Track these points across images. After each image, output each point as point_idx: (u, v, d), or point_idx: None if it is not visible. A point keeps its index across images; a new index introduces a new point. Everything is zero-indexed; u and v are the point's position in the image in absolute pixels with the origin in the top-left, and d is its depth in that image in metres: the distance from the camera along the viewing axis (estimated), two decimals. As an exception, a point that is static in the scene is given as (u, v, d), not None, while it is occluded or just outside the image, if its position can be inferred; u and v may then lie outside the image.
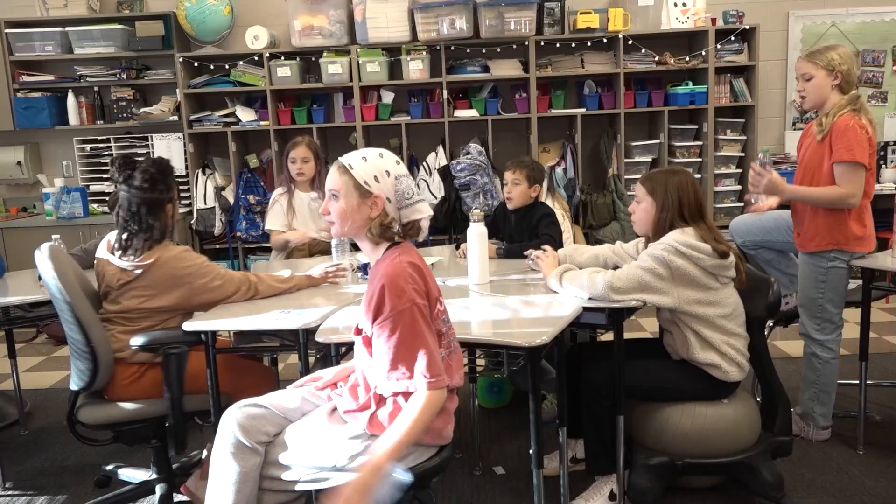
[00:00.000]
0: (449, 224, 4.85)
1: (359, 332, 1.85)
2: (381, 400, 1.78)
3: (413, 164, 4.98)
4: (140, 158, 2.44)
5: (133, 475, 2.72)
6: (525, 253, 2.83)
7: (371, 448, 1.71)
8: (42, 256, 2.28)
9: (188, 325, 2.31)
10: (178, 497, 2.62)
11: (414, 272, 1.74)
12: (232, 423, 1.82)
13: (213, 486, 1.83)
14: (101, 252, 2.48)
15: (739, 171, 4.97)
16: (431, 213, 1.88)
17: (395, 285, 1.70)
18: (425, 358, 1.69)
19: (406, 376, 1.71)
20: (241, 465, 1.79)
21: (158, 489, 2.59)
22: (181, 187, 5.03)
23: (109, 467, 2.82)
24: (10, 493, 2.86)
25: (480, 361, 3.01)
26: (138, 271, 2.37)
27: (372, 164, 1.80)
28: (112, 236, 2.48)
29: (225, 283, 2.46)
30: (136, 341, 2.31)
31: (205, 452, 2.72)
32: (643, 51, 4.80)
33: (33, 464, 3.09)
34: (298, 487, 1.80)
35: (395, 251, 1.80)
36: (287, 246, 3.55)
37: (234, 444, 1.80)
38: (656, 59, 4.81)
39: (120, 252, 2.39)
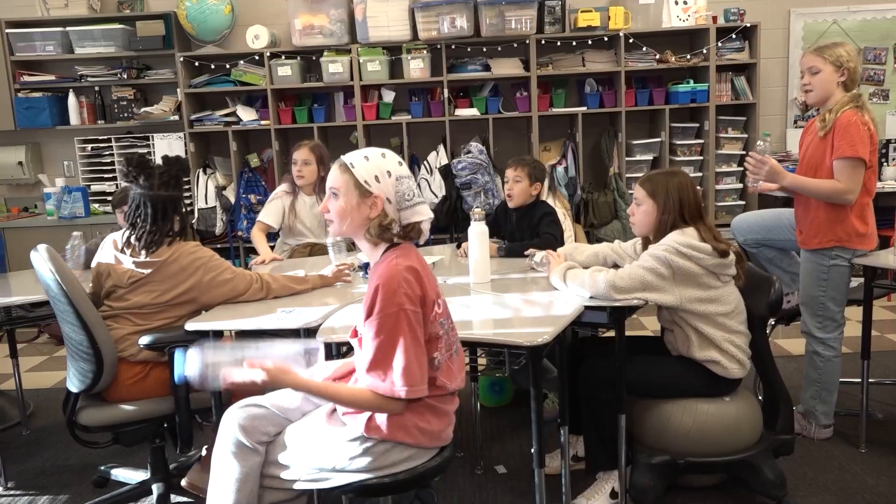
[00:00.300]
0: (450, 223, 4.85)
1: (355, 334, 1.86)
2: None
3: (414, 163, 4.98)
4: (151, 157, 2.45)
5: (129, 475, 2.72)
6: (526, 253, 2.83)
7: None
8: (40, 258, 2.26)
9: (191, 325, 2.31)
10: (175, 498, 2.63)
11: (410, 276, 1.72)
12: (233, 423, 1.84)
13: (214, 486, 1.85)
14: (106, 254, 2.47)
15: (741, 169, 4.96)
16: (432, 215, 1.87)
17: (388, 288, 1.70)
18: (402, 364, 1.69)
19: (380, 378, 1.71)
20: (242, 465, 1.81)
21: (155, 489, 2.59)
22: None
23: (102, 468, 2.82)
24: (11, 492, 2.86)
25: (482, 360, 3.01)
26: (147, 270, 2.36)
27: (373, 163, 1.79)
28: (118, 236, 2.46)
29: (236, 277, 2.45)
30: (143, 340, 2.32)
31: (204, 451, 2.72)
32: (644, 49, 4.79)
33: (35, 463, 3.10)
34: (297, 486, 1.82)
35: (394, 253, 1.79)
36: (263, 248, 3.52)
37: (236, 444, 1.82)
38: (657, 57, 4.81)
39: (136, 249, 2.38)
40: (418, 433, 1.78)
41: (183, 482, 2.58)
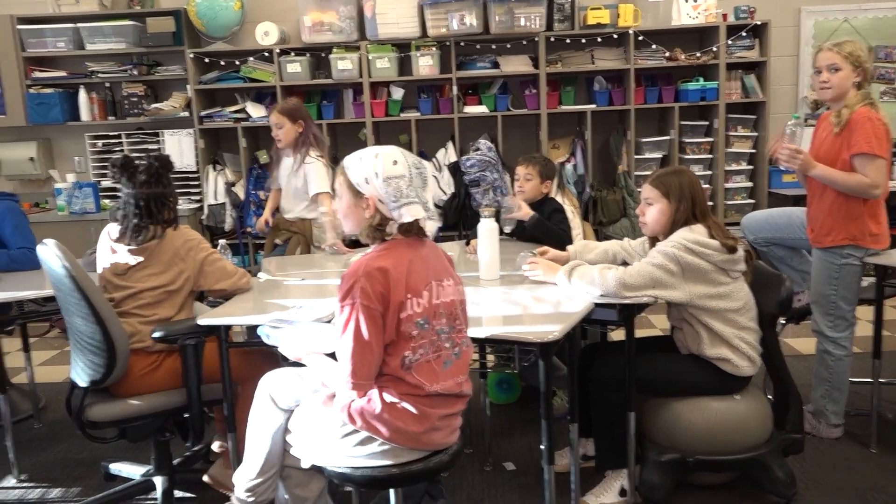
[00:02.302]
0: (458, 220, 4.85)
1: None
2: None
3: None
4: (139, 160, 2.50)
5: (130, 470, 2.72)
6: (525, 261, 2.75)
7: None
8: (49, 251, 2.26)
9: (202, 320, 2.32)
10: (178, 493, 2.64)
11: (377, 274, 1.74)
12: (265, 389, 2.08)
13: (249, 441, 2.10)
14: (103, 245, 2.49)
15: (751, 167, 4.95)
16: (423, 214, 1.84)
17: (347, 280, 1.76)
18: (349, 355, 1.76)
19: (341, 363, 1.80)
20: (272, 424, 2.04)
21: (160, 484, 2.59)
22: (191, 183, 5.07)
23: (103, 464, 2.81)
24: (24, 485, 2.89)
25: (490, 357, 3.01)
26: (141, 257, 2.41)
27: (364, 165, 1.83)
28: (112, 228, 2.50)
29: (224, 260, 2.56)
30: (156, 333, 2.33)
31: (217, 447, 2.73)
32: (654, 46, 4.78)
33: (47, 457, 3.12)
34: (293, 452, 1.99)
35: (376, 250, 1.84)
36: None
37: (265, 407, 2.06)
38: (667, 54, 4.79)
39: (129, 239, 2.42)
40: (392, 431, 1.80)
41: (205, 477, 2.59)
